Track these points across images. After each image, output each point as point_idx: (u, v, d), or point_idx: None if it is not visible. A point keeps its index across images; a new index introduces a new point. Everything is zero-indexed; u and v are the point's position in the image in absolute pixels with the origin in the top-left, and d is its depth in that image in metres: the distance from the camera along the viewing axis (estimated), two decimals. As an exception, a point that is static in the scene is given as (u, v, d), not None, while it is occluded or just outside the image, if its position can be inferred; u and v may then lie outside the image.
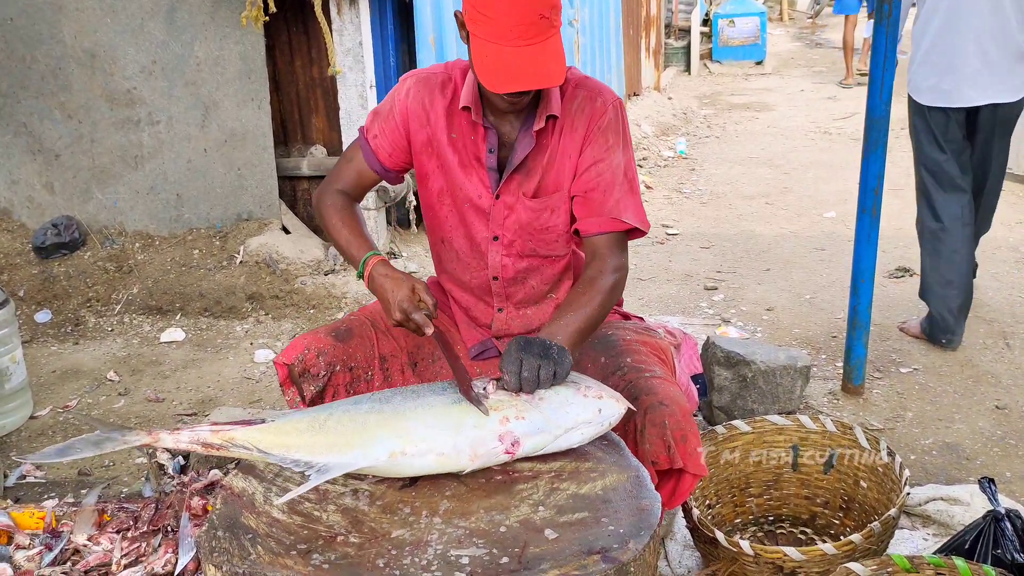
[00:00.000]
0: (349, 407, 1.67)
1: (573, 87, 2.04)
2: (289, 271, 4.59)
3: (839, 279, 4.56)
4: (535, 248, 2.12)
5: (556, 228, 2.09)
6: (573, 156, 2.03)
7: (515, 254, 2.13)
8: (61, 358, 4.08)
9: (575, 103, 2.02)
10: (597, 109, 2.02)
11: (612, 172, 2.01)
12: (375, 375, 2.11)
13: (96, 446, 1.61)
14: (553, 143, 2.03)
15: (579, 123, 2.02)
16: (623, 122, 2.06)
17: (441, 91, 2.07)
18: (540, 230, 2.09)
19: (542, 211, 2.07)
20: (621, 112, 2.06)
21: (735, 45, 12.78)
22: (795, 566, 2.06)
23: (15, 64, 4.82)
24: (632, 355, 2.03)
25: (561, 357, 1.68)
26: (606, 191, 2.01)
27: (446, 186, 2.11)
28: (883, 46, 2.97)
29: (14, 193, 5.04)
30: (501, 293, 2.19)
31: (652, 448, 1.80)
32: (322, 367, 2.05)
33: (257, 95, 4.69)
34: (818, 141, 8.10)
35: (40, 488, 2.90)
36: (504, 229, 2.10)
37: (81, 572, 1.95)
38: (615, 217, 2.00)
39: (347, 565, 1.40)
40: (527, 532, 1.46)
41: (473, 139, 2.05)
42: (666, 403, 1.85)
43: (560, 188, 2.05)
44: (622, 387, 1.93)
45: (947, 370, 3.53)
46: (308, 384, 2.04)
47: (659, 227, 5.73)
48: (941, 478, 2.79)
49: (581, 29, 7.56)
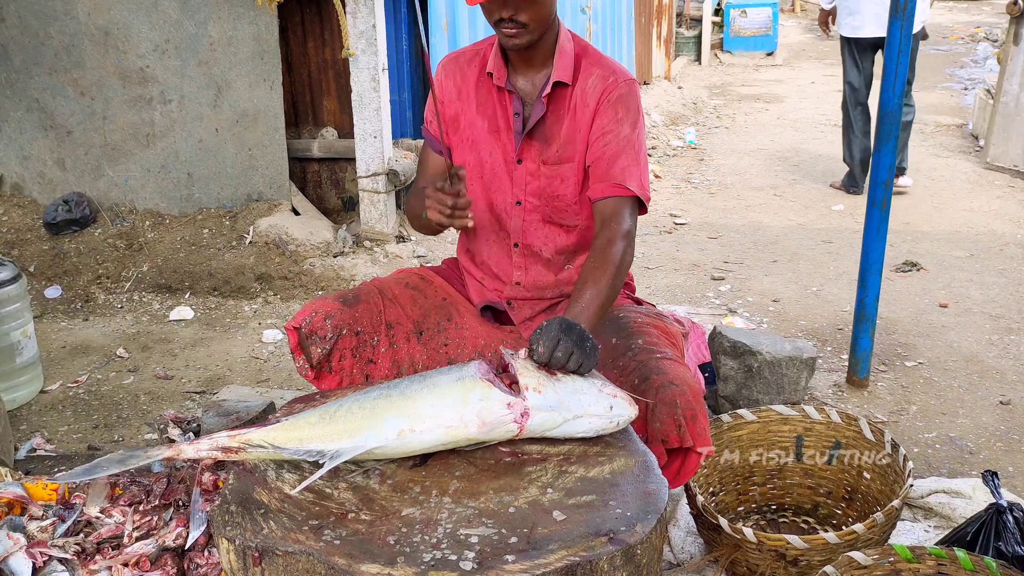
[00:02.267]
0: (359, 397, 1.69)
1: (589, 63, 2.14)
2: (298, 252, 4.61)
3: (846, 272, 4.57)
4: (551, 215, 2.20)
5: (565, 197, 2.18)
6: (584, 129, 2.13)
7: (538, 219, 2.21)
8: (71, 334, 4.11)
9: (590, 79, 2.12)
10: (609, 84, 2.12)
11: (619, 142, 2.10)
12: (381, 340, 2.16)
13: (121, 463, 1.65)
14: (569, 115, 2.13)
15: (591, 97, 2.12)
16: (635, 99, 2.15)
17: (469, 64, 2.22)
18: (552, 196, 2.18)
19: (553, 178, 2.16)
20: (633, 89, 2.15)
21: (747, 36, 12.72)
22: (797, 554, 2.08)
23: (29, 40, 4.83)
24: (643, 336, 2.06)
25: (593, 352, 1.72)
26: (612, 159, 2.10)
27: (471, 158, 2.22)
28: (897, 40, 2.97)
29: (26, 169, 5.07)
30: (521, 264, 2.26)
31: (663, 427, 1.82)
32: (329, 330, 2.09)
33: (270, 76, 4.69)
34: (828, 133, 8.08)
35: (50, 461, 2.93)
36: (527, 194, 2.19)
37: (93, 543, 1.97)
38: (619, 183, 2.09)
39: (358, 542, 1.42)
40: (536, 513, 1.48)
41: (502, 105, 2.17)
42: (676, 383, 1.88)
43: (571, 159, 2.15)
44: (633, 367, 1.96)
45: (952, 365, 3.55)
46: (315, 347, 2.08)
47: (667, 216, 5.73)
48: (944, 471, 2.80)
49: (593, 16, 7.54)
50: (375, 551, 1.39)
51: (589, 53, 2.16)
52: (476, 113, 2.19)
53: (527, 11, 1.99)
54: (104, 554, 1.97)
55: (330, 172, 5.23)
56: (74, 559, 1.94)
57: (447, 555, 1.37)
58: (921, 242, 5.07)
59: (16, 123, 4.99)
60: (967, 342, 3.74)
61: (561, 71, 2.11)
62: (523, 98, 2.16)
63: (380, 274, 4.21)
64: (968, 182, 6.31)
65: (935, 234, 5.23)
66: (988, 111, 6.96)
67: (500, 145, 2.18)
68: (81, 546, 1.97)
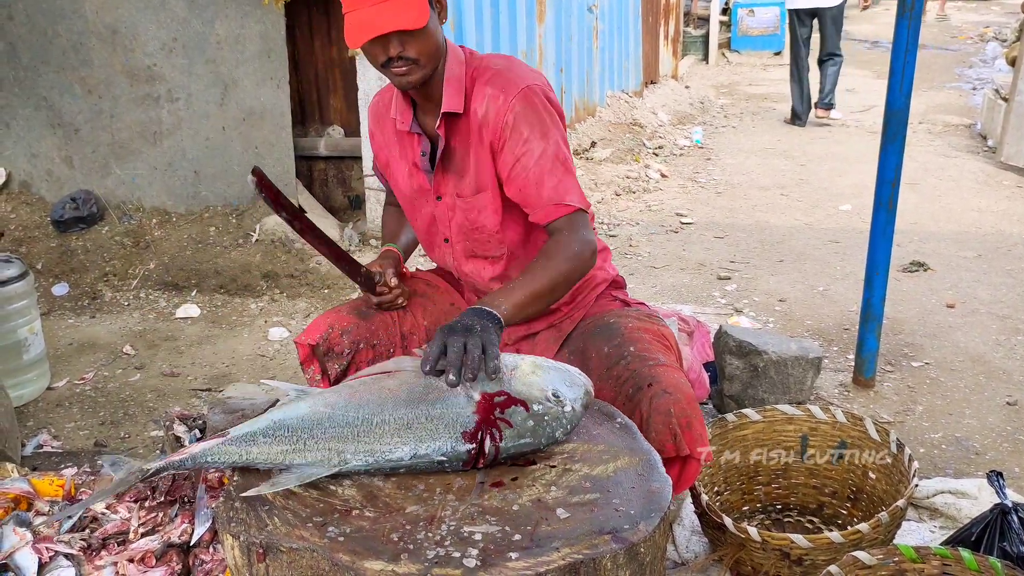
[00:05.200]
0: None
1: (482, 83, 1.99)
2: (304, 251, 4.62)
3: (853, 272, 4.56)
4: (474, 248, 2.14)
5: (486, 227, 2.09)
6: (489, 159, 2.02)
7: (461, 254, 2.17)
8: (78, 331, 4.12)
9: (483, 103, 1.99)
10: (501, 108, 1.96)
11: (537, 163, 1.96)
12: (395, 351, 2.15)
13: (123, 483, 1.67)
14: (475, 142, 2.02)
15: (489, 122, 1.98)
16: (538, 106, 1.98)
17: (387, 109, 2.16)
18: (472, 229, 2.11)
19: (469, 210, 2.08)
20: (530, 97, 1.97)
21: (754, 35, 12.69)
22: (802, 553, 2.08)
23: (37, 38, 4.85)
24: (636, 343, 2.03)
25: (484, 328, 1.64)
26: (538, 184, 1.96)
27: (404, 203, 2.24)
28: (904, 39, 2.96)
29: (34, 166, 5.09)
30: (470, 290, 2.29)
31: (658, 436, 1.80)
32: (346, 345, 2.09)
33: (276, 74, 4.70)
34: (835, 133, 8.06)
35: (57, 458, 2.94)
36: (451, 231, 2.15)
37: (99, 539, 1.98)
38: (557, 203, 1.95)
39: (361, 538, 1.42)
40: (539, 511, 1.48)
41: (411, 147, 2.12)
42: (670, 391, 1.86)
43: (484, 188, 2.05)
44: (627, 376, 1.94)
45: (959, 365, 3.54)
46: (332, 363, 2.08)
47: (673, 216, 5.73)
48: (949, 472, 2.80)
49: (600, 16, 7.55)
50: (379, 548, 1.39)
51: (481, 71, 2.01)
52: (399, 159, 2.16)
53: (414, 45, 1.87)
54: (110, 550, 1.97)
55: (336, 170, 5.24)
56: (80, 554, 1.95)
57: (451, 552, 1.37)
58: (928, 242, 5.05)
59: (24, 121, 5.01)
60: (974, 342, 3.73)
61: (450, 100, 1.98)
62: (431, 137, 2.07)
63: (386, 272, 4.21)
64: (976, 182, 6.29)
65: (942, 234, 5.21)
66: (997, 111, 6.94)
67: (418, 185, 2.14)
68: (87, 542, 1.98)
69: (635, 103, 8.39)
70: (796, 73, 8.01)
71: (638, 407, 1.86)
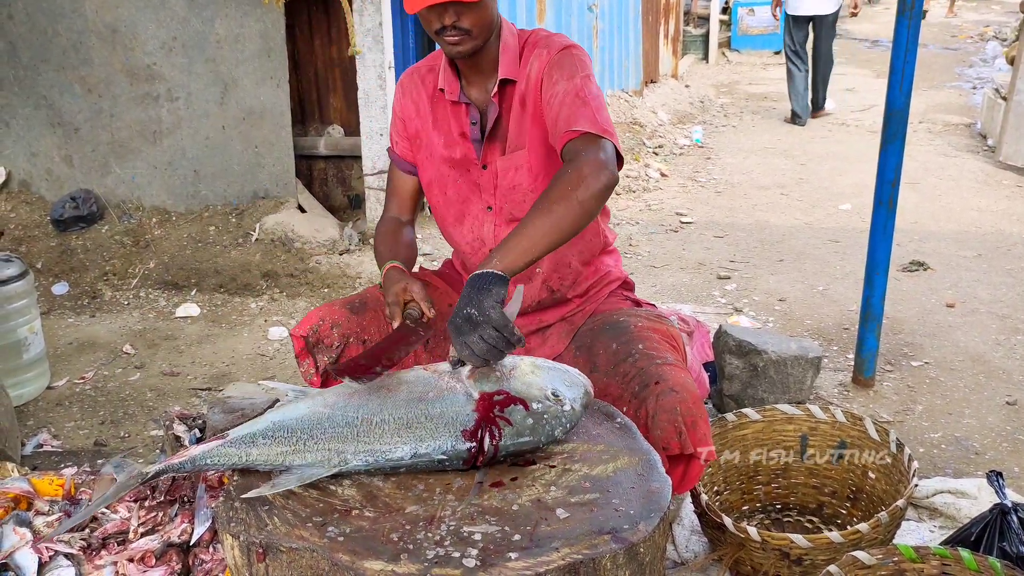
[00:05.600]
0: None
1: (531, 47, 2.08)
2: (304, 250, 4.62)
3: (853, 271, 4.55)
4: (512, 211, 2.14)
5: (521, 186, 2.11)
6: (529, 117, 2.08)
7: (504, 221, 2.16)
8: (78, 330, 4.12)
9: (530, 64, 2.07)
10: (543, 61, 2.05)
11: (560, 101, 1.98)
12: None
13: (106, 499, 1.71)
14: (516, 105, 2.08)
15: (533, 79, 2.06)
16: (573, 59, 2.03)
17: (424, 80, 2.17)
18: (508, 189, 2.12)
19: (508, 169, 2.11)
20: (568, 52, 2.05)
21: (754, 34, 12.69)
22: (801, 553, 2.08)
23: (36, 37, 4.85)
24: (644, 342, 2.04)
25: (486, 306, 1.62)
26: (556, 116, 1.98)
27: (435, 175, 2.19)
28: (905, 38, 2.96)
29: (33, 166, 5.09)
30: None
31: (663, 434, 1.81)
32: (336, 339, 2.09)
33: (276, 73, 4.70)
34: (835, 133, 8.06)
35: (57, 457, 2.94)
36: (495, 198, 2.15)
37: (99, 539, 1.98)
38: (567, 131, 1.93)
39: (361, 538, 1.42)
40: (539, 511, 1.48)
41: (457, 118, 2.13)
42: (676, 389, 1.87)
43: (522, 146, 2.09)
44: (633, 374, 1.95)
45: (959, 365, 3.54)
46: (321, 355, 2.08)
47: (673, 215, 5.73)
48: (949, 471, 2.80)
49: (600, 15, 7.54)
50: (378, 548, 1.39)
51: (531, 41, 2.10)
52: (433, 129, 2.16)
53: (469, 16, 1.91)
54: (109, 549, 1.97)
55: (336, 170, 5.24)
56: (80, 554, 1.95)
57: (450, 552, 1.37)
58: (928, 241, 5.05)
59: (24, 120, 5.00)
60: (974, 342, 3.73)
61: (507, 67, 2.06)
62: (479, 107, 2.11)
63: (386, 272, 4.21)
64: (976, 181, 6.29)
65: (942, 233, 5.21)
66: (997, 110, 6.94)
67: (460, 155, 2.14)
68: (87, 541, 1.97)
69: (635, 102, 8.39)
70: (791, 71, 8.32)
71: (644, 404, 1.87)
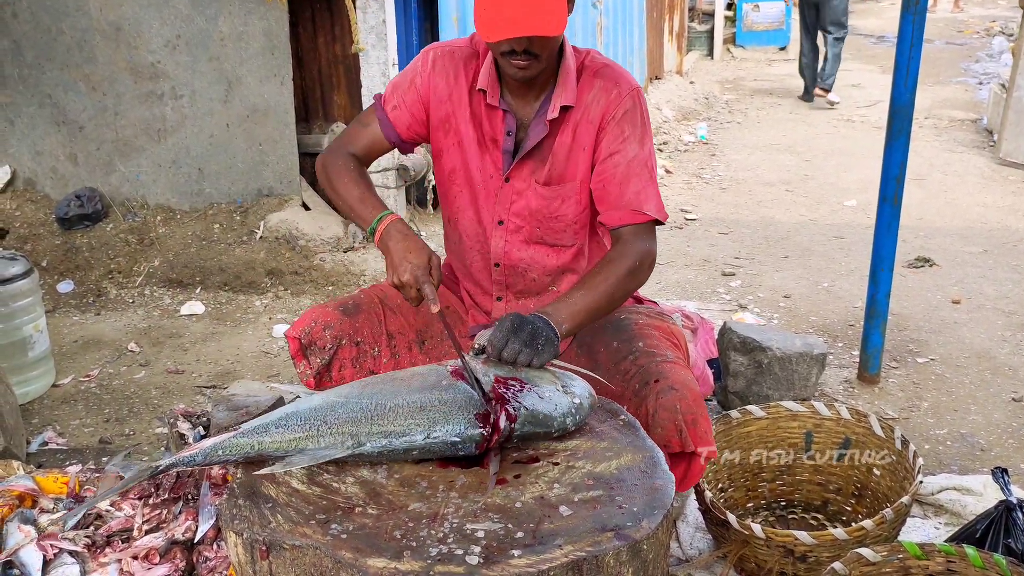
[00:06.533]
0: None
1: (591, 75, 2.03)
2: (308, 247, 4.62)
3: (858, 268, 4.54)
4: (543, 236, 2.12)
5: (566, 217, 2.09)
6: (588, 148, 2.03)
7: (521, 240, 2.12)
8: (83, 328, 4.13)
9: (591, 93, 2.02)
10: (612, 100, 2.01)
11: (627, 164, 2.00)
12: (382, 351, 2.13)
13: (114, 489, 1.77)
14: (569, 132, 2.03)
15: (595, 114, 2.01)
16: (641, 111, 2.04)
17: (465, 67, 2.09)
18: (549, 218, 2.09)
19: (552, 199, 2.07)
20: (639, 101, 2.04)
21: (759, 30, 12.66)
22: (806, 550, 2.07)
23: (41, 35, 4.85)
24: (645, 339, 2.04)
25: (547, 348, 1.70)
26: (622, 183, 1.99)
27: (460, 165, 2.12)
28: (909, 34, 2.95)
29: (38, 164, 5.09)
30: (501, 281, 2.19)
31: (664, 432, 1.81)
32: (328, 340, 2.07)
33: (280, 71, 4.70)
34: (840, 128, 8.04)
35: (62, 455, 2.95)
36: (510, 214, 2.10)
37: (103, 536, 1.98)
38: (635, 209, 1.99)
39: (364, 536, 1.42)
40: (542, 508, 1.48)
41: (490, 121, 2.07)
42: (677, 387, 1.87)
43: (573, 179, 2.05)
44: (634, 372, 1.94)
45: (964, 361, 3.53)
46: (314, 356, 2.07)
47: (678, 212, 5.72)
48: (955, 468, 2.79)
49: (604, 11, 7.52)
50: (382, 545, 1.39)
51: (588, 64, 2.05)
52: (468, 122, 2.08)
53: (544, 46, 1.88)
54: (114, 547, 1.98)
55: (340, 167, 5.23)
56: (84, 552, 1.95)
57: (453, 549, 1.37)
58: (933, 238, 5.04)
59: (28, 119, 5.01)
60: (979, 338, 3.72)
61: (567, 94, 2.00)
62: (517, 117, 2.06)
63: (390, 269, 4.20)
64: (982, 177, 6.27)
65: (948, 230, 5.20)
66: (1003, 106, 6.92)
67: (489, 160, 2.09)
68: (91, 539, 1.98)
69: (639, 99, 8.36)
70: (802, 51, 9.16)
71: (644, 402, 1.86)
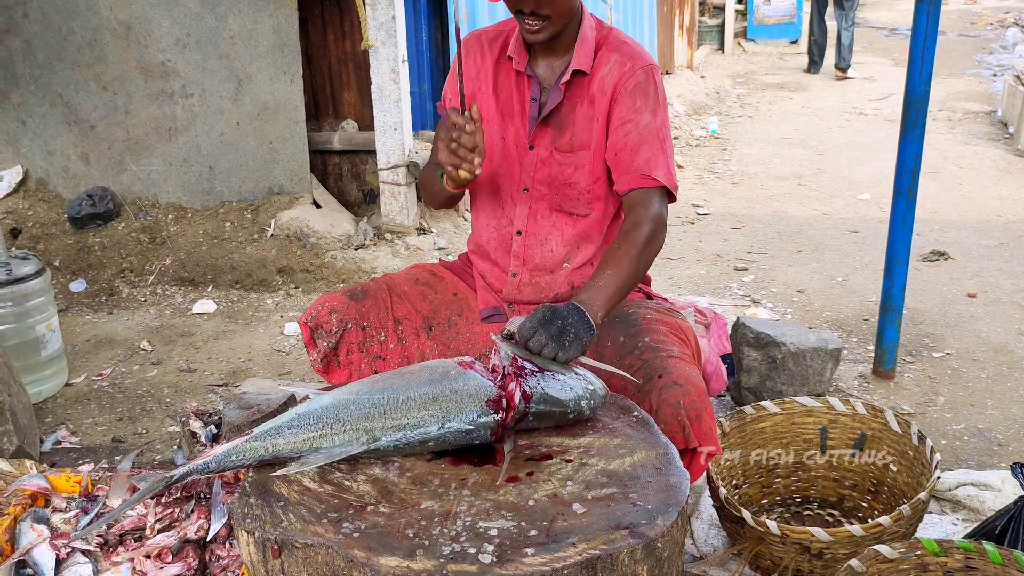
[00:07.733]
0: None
1: (610, 50, 2.12)
2: (319, 245, 4.62)
3: (872, 262, 4.51)
4: (560, 203, 2.18)
5: (578, 185, 2.15)
6: (602, 118, 2.11)
7: (546, 208, 2.19)
8: (95, 327, 4.14)
9: (607, 67, 2.10)
10: (625, 72, 2.09)
11: (639, 132, 2.07)
12: (388, 336, 2.17)
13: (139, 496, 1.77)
14: (585, 102, 2.11)
15: (608, 85, 2.10)
16: (655, 86, 2.11)
17: (491, 45, 2.21)
18: (564, 184, 2.16)
19: (566, 166, 2.14)
20: (653, 76, 2.11)
21: (770, 24, 12.60)
22: (822, 547, 2.05)
23: (51, 35, 4.86)
24: (651, 334, 2.03)
25: (575, 343, 1.72)
26: (634, 150, 2.07)
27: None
28: (924, 26, 2.92)
29: (50, 164, 5.11)
30: (520, 254, 2.22)
31: (667, 428, 1.79)
32: (334, 324, 2.12)
33: (290, 69, 4.70)
34: (853, 122, 7.99)
35: (75, 454, 2.96)
36: (536, 181, 2.17)
37: (116, 536, 1.98)
38: (644, 174, 2.06)
39: (377, 534, 1.41)
40: (555, 506, 1.46)
41: (519, 89, 2.16)
42: (680, 383, 1.86)
43: (586, 146, 2.12)
44: (639, 366, 1.93)
45: (981, 355, 3.49)
46: (321, 340, 2.12)
47: (690, 207, 5.69)
48: (972, 463, 2.76)
49: (614, 5, 7.49)
50: (394, 544, 1.38)
51: (610, 40, 2.14)
52: (491, 94, 2.18)
53: (550, 5, 1.98)
54: (126, 546, 1.97)
55: (351, 164, 5.23)
56: (97, 551, 1.95)
57: (466, 548, 1.36)
58: (949, 231, 4.99)
59: (40, 118, 5.03)
60: (996, 332, 3.68)
61: (581, 59, 2.10)
62: (541, 84, 2.15)
63: (401, 266, 4.22)
64: (997, 169, 6.22)
65: (963, 223, 5.15)
66: (1018, 97, 6.85)
67: (512, 129, 2.17)
68: (104, 538, 1.98)
69: (650, 94, 8.33)
70: (813, 27, 9.99)
71: (648, 397, 1.85)
